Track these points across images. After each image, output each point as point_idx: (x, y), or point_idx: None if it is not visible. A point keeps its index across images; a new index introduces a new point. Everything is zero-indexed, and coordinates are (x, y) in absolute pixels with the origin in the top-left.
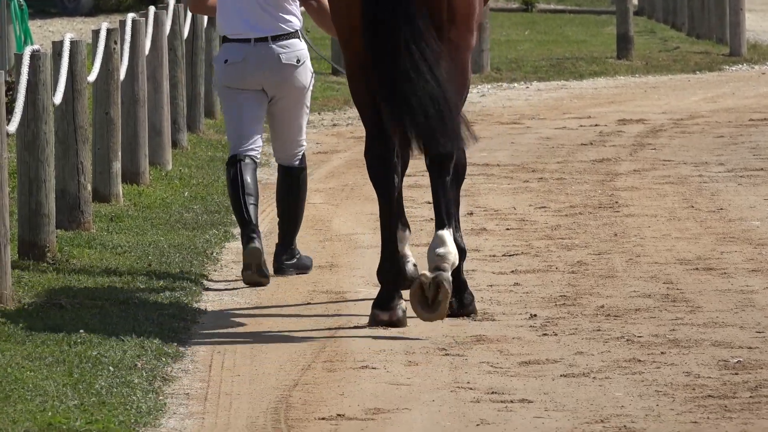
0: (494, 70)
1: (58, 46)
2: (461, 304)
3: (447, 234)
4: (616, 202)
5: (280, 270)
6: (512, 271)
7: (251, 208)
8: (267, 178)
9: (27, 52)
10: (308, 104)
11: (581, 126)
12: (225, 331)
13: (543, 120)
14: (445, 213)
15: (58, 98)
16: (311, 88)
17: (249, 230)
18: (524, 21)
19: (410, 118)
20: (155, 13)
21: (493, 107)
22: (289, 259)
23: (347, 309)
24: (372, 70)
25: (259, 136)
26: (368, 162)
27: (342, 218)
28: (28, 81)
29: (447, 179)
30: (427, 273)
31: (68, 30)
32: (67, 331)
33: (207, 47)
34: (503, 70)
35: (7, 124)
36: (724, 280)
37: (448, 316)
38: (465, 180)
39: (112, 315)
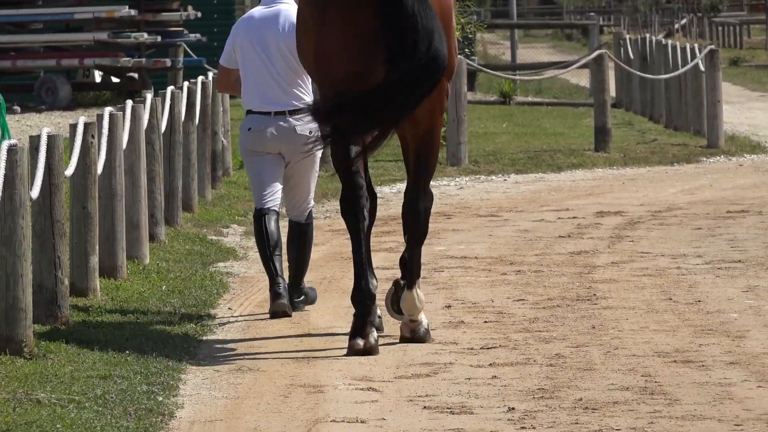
0: (472, 163)
1: (35, 141)
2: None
3: (416, 294)
4: (594, 295)
5: (293, 305)
6: (490, 364)
7: (277, 262)
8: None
9: (4, 146)
10: (317, 169)
11: (559, 218)
12: (202, 425)
13: (521, 212)
14: (416, 274)
15: (35, 192)
16: (320, 155)
17: (276, 284)
18: (502, 113)
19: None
20: (133, 107)
21: (471, 200)
22: (298, 297)
23: (325, 403)
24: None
25: (279, 190)
26: (343, 207)
27: (320, 312)
28: (5, 175)
29: (420, 249)
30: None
31: (46, 124)
32: (43, 426)
33: (185, 140)
34: (481, 162)
35: None
36: (703, 373)
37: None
38: (442, 273)
39: (90, 410)
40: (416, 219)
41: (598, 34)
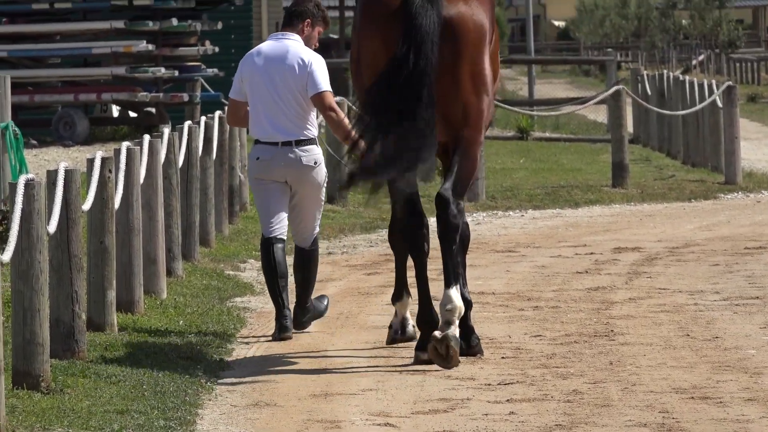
0: (489, 198)
1: (52, 175)
2: (468, 346)
3: (454, 291)
4: (612, 331)
5: (300, 325)
6: (507, 400)
7: (284, 293)
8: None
9: (21, 181)
10: (322, 198)
11: (576, 254)
12: None
13: (538, 248)
14: (453, 274)
15: (52, 227)
16: (325, 185)
17: (283, 317)
18: (519, 149)
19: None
20: (150, 141)
21: (489, 235)
22: (304, 316)
23: None
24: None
25: (285, 216)
26: (403, 234)
27: (337, 347)
28: (23, 210)
29: (454, 248)
30: (437, 334)
31: (64, 158)
32: None
33: (202, 175)
34: (498, 198)
35: (1, 254)
36: (720, 410)
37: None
38: None
39: None
40: (445, 210)
41: (616, 70)
